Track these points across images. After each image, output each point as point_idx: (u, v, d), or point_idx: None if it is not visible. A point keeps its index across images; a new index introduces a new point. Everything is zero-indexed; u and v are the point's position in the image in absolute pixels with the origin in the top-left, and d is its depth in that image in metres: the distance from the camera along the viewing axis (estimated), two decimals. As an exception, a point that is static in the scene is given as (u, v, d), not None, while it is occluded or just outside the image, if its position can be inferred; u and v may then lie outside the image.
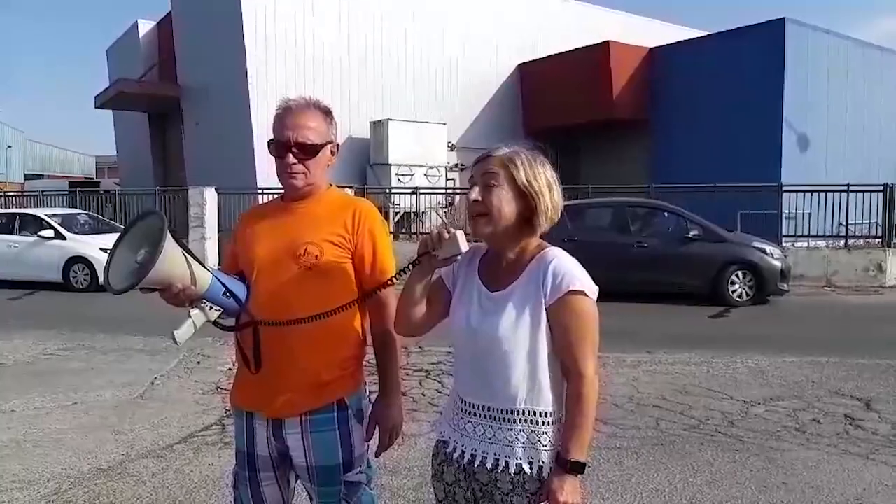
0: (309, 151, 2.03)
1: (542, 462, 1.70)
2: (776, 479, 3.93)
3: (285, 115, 2.05)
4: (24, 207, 17.92)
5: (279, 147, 2.03)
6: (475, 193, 1.74)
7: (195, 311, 1.92)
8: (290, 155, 2.02)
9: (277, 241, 2.05)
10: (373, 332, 2.14)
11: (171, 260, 1.78)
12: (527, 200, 1.73)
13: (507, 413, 1.72)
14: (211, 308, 1.94)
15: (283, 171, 2.05)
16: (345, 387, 2.08)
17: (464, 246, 1.74)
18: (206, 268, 1.91)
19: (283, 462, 2.12)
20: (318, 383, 2.02)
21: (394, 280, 2.02)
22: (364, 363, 2.19)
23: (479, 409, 1.76)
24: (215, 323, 1.98)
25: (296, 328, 1.95)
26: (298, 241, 2.02)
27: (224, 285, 1.95)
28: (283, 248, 2.03)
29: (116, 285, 1.77)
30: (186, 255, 1.84)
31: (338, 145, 2.16)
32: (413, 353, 7.00)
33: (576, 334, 1.69)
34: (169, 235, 1.74)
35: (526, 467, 1.70)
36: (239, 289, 2.01)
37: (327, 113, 2.11)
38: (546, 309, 1.70)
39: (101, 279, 12.24)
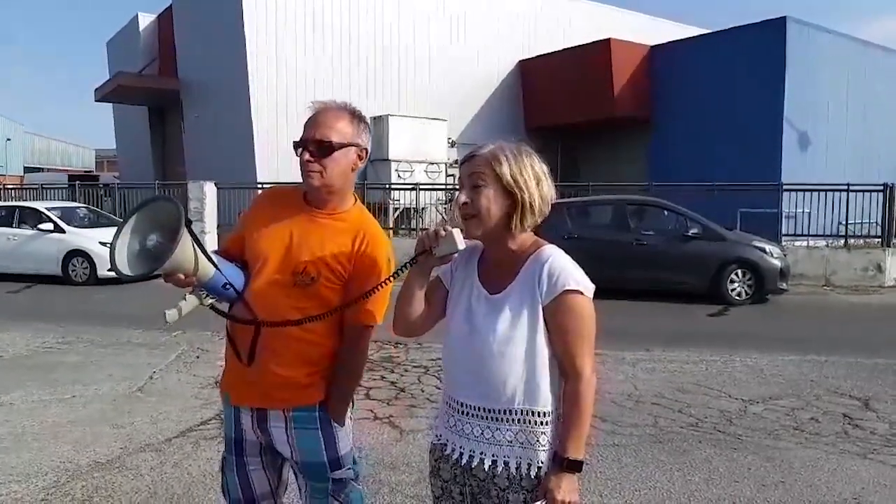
0: (326, 149, 2.00)
1: (542, 462, 1.71)
2: (774, 478, 3.93)
3: (313, 115, 2.06)
4: (24, 200, 17.90)
5: (299, 145, 2.04)
6: (463, 195, 1.74)
7: (191, 296, 1.95)
8: (307, 152, 2.01)
9: (286, 246, 2.05)
10: (340, 358, 2.10)
11: (184, 252, 1.80)
12: (514, 197, 1.72)
13: (504, 413, 1.72)
14: (207, 296, 1.97)
15: (301, 169, 2.05)
16: (325, 390, 2.10)
17: (461, 243, 1.74)
18: (212, 260, 1.93)
19: (273, 451, 2.16)
20: (297, 385, 2.06)
21: (391, 280, 2.02)
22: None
23: (475, 409, 1.76)
24: (212, 307, 2.01)
25: (278, 336, 1.99)
26: (302, 257, 2.03)
27: (226, 278, 1.97)
28: (286, 257, 2.04)
29: (129, 271, 1.78)
30: (195, 246, 1.86)
31: (366, 150, 2.12)
32: (412, 350, 7.01)
33: (572, 333, 1.70)
34: (185, 228, 1.76)
35: (524, 467, 1.71)
36: (238, 280, 2.04)
37: (356, 116, 2.08)
38: (542, 308, 1.70)
39: (100, 272, 12.26)
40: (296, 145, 2.05)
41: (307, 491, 2.14)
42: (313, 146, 2.00)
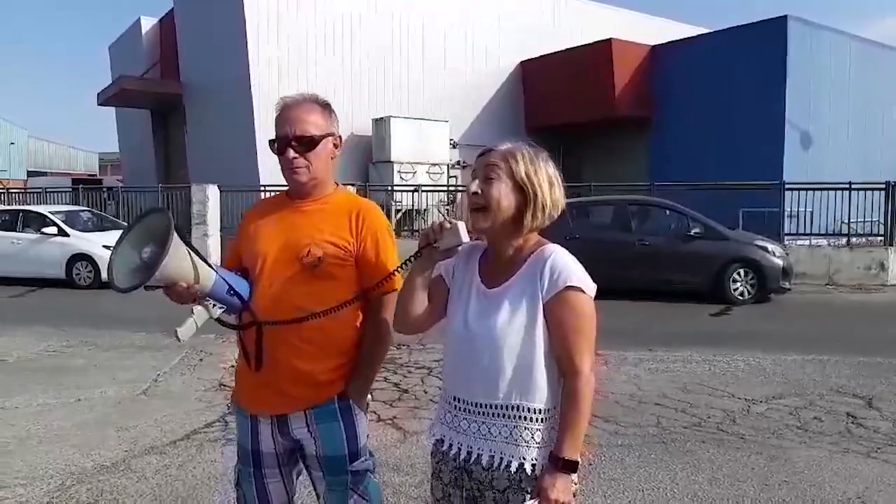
0: (308, 144, 2.03)
1: (536, 459, 1.70)
2: (778, 477, 3.93)
3: (283, 112, 2.07)
4: (28, 204, 17.95)
5: (279, 144, 2.05)
6: (475, 186, 1.75)
7: (198, 309, 1.94)
8: (290, 150, 2.03)
9: (282, 239, 2.07)
10: (368, 328, 2.12)
11: (177, 259, 1.79)
12: (525, 195, 1.73)
13: (501, 409, 1.72)
14: (214, 305, 1.96)
15: (286, 168, 2.07)
16: (344, 383, 2.10)
17: (465, 236, 1.73)
18: (210, 266, 1.92)
19: (289, 459, 2.15)
20: (318, 382, 2.05)
21: (397, 271, 2.03)
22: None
23: (473, 405, 1.76)
24: (218, 320, 2.00)
25: (297, 329, 1.97)
26: (302, 242, 2.03)
27: (228, 283, 1.96)
28: (286, 248, 2.05)
29: (122, 284, 1.78)
30: (191, 253, 1.85)
31: (340, 138, 2.16)
32: (415, 351, 7.01)
33: (572, 331, 1.69)
34: (175, 235, 1.76)
35: (516, 464, 1.70)
36: (242, 286, 2.03)
37: (326, 106, 2.12)
38: (543, 305, 1.70)
39: (104, 276, 12.29)
40: (278, 144, 2.06)
41: (324, 488, 2.12)
42: (296, 142, 2.03)
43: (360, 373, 2.11)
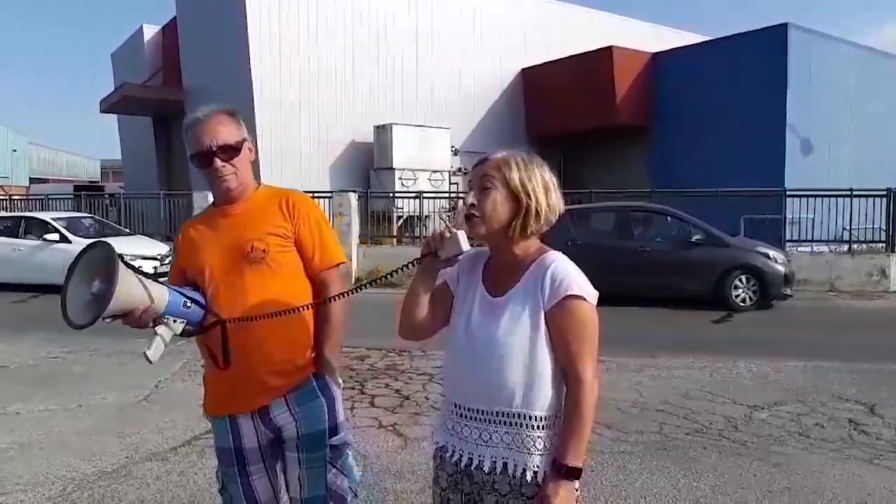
0: (231, 151, 2.11)
1: (538, 466, 1.71)
2: (780, 484, 3.92)
3: (196, 126, 2.12)
4: (30, 211, 17.97)
5: (203, 157, 2.10)
6: (471, 197, 1.77)
7: (161, 328, 1.98)
8: (217, 159, 2.09)
9: (223, 244, 2.12)
10: (321, 311, 2.20)
11: (128, 287, 1.83)
12: (520, 202, 1.74)
13: (503, 416, 1.73)
14: (175, 321, 2.00)
15: (215, 178, 2.12)
16: (317, 359, 2.18)
17: (465, 245, 1.75)
18: (161, 284, 1.98)
19: (272, 452, 2.19)
20: (297, 367, 2.13)
21: (393, 274, 2.06)
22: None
23: (475, 412, 1.77)
24: (182, 333, 2.04)
25: (263, 323, 2.02)
26: (243, 240, 2.10)
27: (184, 295, 2.01)
28: (229, 250, 2.11)
29: (78, 321, 1.81)
30: (140, 277, 1.89)
31: (251, 141, 2.24)
32: (416, 357, 7.01)
33: (574, 339, 1.70)
34: (120, 263, 1.79)
35: (520, 471, 1.71)
36: (197, 296, 2.08)
37: (233, 114, 2.21)
38: (544, 313, 1.71)
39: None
40: (201, 158, 2.10)
41: (301, 468, 2.15)
42: (220, 151, 2.09)
43: (325, 348, 2.18)
